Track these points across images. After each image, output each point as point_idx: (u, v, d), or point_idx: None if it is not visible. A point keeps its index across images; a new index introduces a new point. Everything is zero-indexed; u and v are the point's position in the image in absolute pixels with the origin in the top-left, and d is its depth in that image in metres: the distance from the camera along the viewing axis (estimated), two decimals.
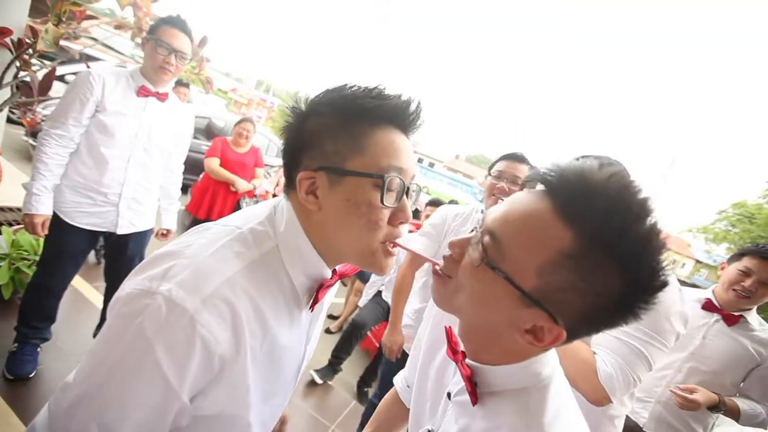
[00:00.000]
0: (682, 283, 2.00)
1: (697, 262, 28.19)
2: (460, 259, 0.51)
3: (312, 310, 0.62)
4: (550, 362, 0.54)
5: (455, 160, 52.01)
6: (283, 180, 0.61)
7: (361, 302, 2.70)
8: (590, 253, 0.42)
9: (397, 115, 0.55)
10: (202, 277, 0.48)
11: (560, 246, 0.43)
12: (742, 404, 1.50)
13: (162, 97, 1.69)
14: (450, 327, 0.61)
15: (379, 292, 2.63)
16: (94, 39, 2.55)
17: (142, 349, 0.45)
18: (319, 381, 2.46)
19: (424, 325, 0.78)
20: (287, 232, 0.56)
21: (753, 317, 1.55)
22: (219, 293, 0.48)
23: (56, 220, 1.61)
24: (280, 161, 5.84)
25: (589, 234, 0.42)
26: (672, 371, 1.62)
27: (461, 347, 0.58)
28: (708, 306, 1.60)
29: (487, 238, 0.48)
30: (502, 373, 0.52)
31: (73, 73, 3.79)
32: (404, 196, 0.56)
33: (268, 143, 6.42)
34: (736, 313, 1.55)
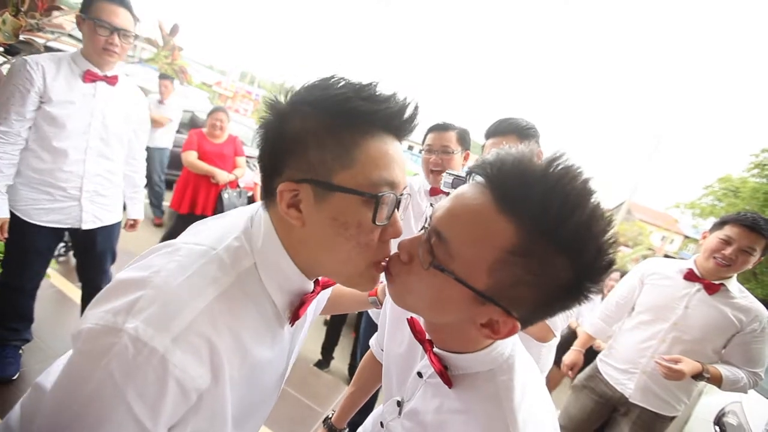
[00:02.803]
0: (670, 258, 2.02)
1: (685, 237, 28.71)
2: (410, 260, 0.51)
3: (293, 325, 0.59)
4: (509, 339, 0.56)
5: None
6: None
7: None
8: (534, 245, 0.42)
9: (391, 121, 0.49)
10: (172, 312, 0.44)
11: (504, 243, 0.43)
12: (724, 371, 1.53)
13: (111, 80, 1.57)
14: (412, 317, 0.62)
15: None
16: (61, 31, 2.45)
17: (111, 394, 0.41)
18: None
19: (387, 299, 0.80)
20: (265, 249, 0.52)
21: (733, 285, 1.57)
22: (193, 328, 0.44)
23: (15, 221, 1.53)
24: None
25: (528, 226, 0.42)
26: (656, 342, 1.65)
27: (427, 336, 0.59)
28: (690, 276, 1.62)
29: (434, 239, 0.47)
30: (469, 359, 0.55)
31: None
32: (395, 211, 0.52)
33: (254, 135, 6.32)
34: (716, 282, 1.57)
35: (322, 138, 0.47)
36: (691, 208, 15.99)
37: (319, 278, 0.60)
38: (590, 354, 2.05)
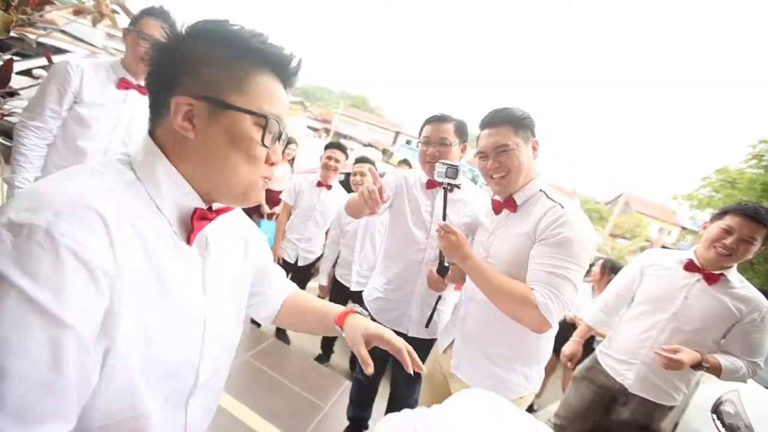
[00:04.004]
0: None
1: (683, 228, 28.79)
2: None
3: (190, 244, 0.55)
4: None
5: None
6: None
7: (322, 281, 2.69)
8: None
9: (279, 64, 0.55)
10: (49, 195, 0.42)
11: None
12: (723, 360, 1.54)
13: (143, 89, 1.65)
14: None
15: (338, 282, 2.61)
16: (54, 27, 2.42)
17: None
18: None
19: None
20: (147, 162, 0.52)
21: (733, 275, 1.57)
22: (77, 202, 0.42)
23: None
24: None
25: None
26: (655, 332, 1.65)
27: None
28: (689, 266, 1.62)
29: None
30: None
31: (40, 67, 3.61)
32: (278, 140, 0.58)
33: None
34: (716, 272, 1.57)
35: (218, 63, 0.52)
36: (688, 199, 16.02)
37: (213, 207, 0.59)
38: (589, 345, 2.06)
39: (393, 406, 1.78)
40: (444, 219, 1.20)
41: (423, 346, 1.55)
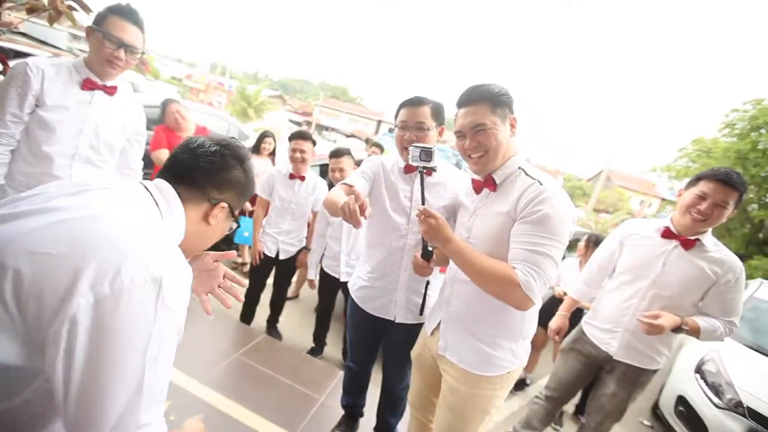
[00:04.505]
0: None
1: (663, 200, 29.53)
2: None
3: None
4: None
5: None
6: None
7: (311, 274, 2.69)
8: None
9: None
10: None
11: None
12: (702, 322, 1.59)
13: (110, 90, 1.57)
14: None
15: (327, 274, 2.60)
16: (9, 28, 2.30)
17: None
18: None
19: None
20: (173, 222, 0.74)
21: (708, 239, 1.62)
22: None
23: None
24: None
25: None
26: (636, 300, 1.70)
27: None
28: (666, 233, 1.66)
29: None
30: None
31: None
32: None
33: (228, 127, 6.14)
34: (692, 238, 1.61)
35: (241, 194, 0.85)
36: (667, 171, 16.42)
37: None
38: (575, 318, 2.10)
39: (386, 393, 1.80)
40: (423, 203, 1.19)
41: (411, 331, 1.56)
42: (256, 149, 3.83)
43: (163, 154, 2.86)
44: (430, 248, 1.27)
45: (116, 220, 0.59)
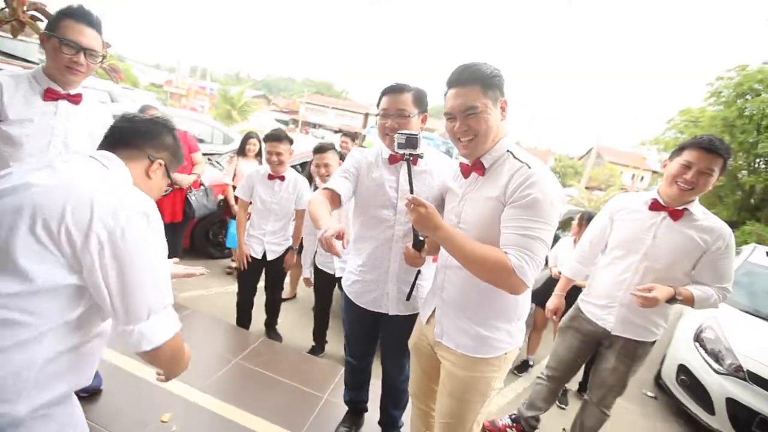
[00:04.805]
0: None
1: (653, 173, 29.72)
2: None
3: None
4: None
5: None
6: (240, 167, 0.83)
7: (306, 273, 2.67)
8: None
9: None
10: None
11: None
12: (695, 291, 1.60)
13: (74, 99, 1.51)
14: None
15: (321, 271, 2.59)
16: None
17: None
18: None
19: None
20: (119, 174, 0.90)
21: (696, 208, 1.62)
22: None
23: None
24: (227, 148, 5.63)
25: None
26: (629, 274, 1.70)
27: None
28: (654, 206, 1.66)
29: None
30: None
31: None
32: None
33: (212, 131, 6.06)
34: (680, 208, 1.61)
35: (173, 155, 1.04)
36: (656, 143, 16.49)
37: None
38: (573, 297, 2.10)
39: (387, 386, 1.80)
40: (411, 192, 1.16)
41: (406, 323, 1.55)
42: (242, 151, 3.77)
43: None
44: (421, 237, 1.25)
45: (87, 178, 0.80)
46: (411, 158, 1.22)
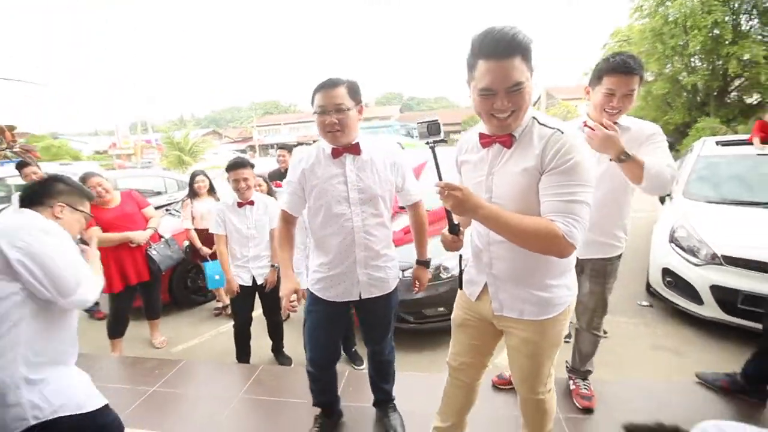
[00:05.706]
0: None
1: None
2: None
3: None
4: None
5: (365, 110, 51.43)
6: (195, 208, 1.25)
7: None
8: None
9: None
10: None
11: None
12: (647, 159, 1.53)
13: None
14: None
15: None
16: None
17: None
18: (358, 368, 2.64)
19: None
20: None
21: (623, 120, 1.68)
22: None
23: None
24: (183, 193, 5.49)
25: None
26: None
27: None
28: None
29: None
30: None
31: None
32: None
33: (164, 181, 5.90)
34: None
35: (71, 194, 1.37)
36: None
37: None
38: None
39: (374, 362, 1.84)
40: (440, 179, 1.10)
41: (385, 299, 1.61)
42: (192, 193, 3.69)
43: (95, 232, 2.67)
44: (456, 222, 1.23)
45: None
46: (434, 145, 1.17)
